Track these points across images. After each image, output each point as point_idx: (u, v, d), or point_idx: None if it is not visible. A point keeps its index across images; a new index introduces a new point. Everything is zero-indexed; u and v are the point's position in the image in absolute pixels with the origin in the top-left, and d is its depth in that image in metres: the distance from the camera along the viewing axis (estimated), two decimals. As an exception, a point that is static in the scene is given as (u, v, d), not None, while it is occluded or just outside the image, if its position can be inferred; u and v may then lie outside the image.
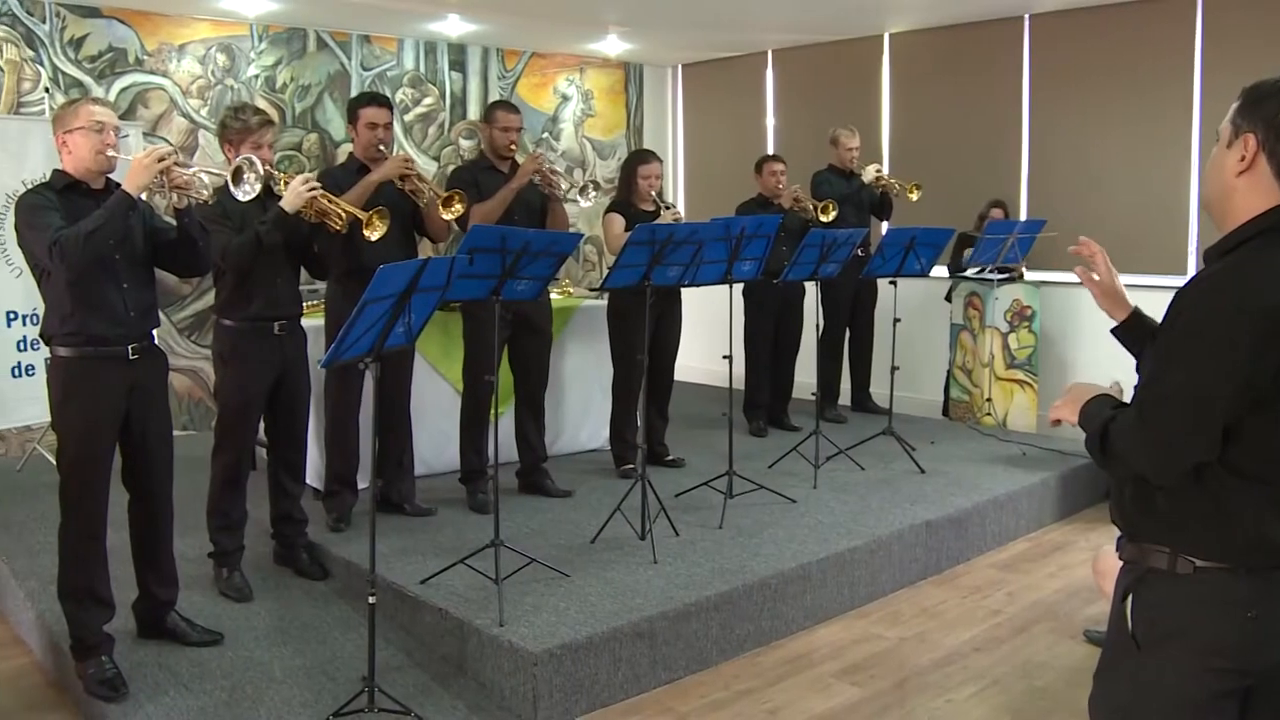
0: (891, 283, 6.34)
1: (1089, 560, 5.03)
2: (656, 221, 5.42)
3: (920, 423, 7.31)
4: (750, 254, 5.31)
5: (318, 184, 4.33)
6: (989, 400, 7.25)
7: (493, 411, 4.65)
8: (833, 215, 6.70)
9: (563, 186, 5.38)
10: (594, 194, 5.36)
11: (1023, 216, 7.77)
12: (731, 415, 5.61)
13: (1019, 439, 6.76)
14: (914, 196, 7.12)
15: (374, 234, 4.36)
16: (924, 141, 8.40)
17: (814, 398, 6.50)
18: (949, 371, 7.65)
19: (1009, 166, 7.95)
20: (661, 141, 10.26)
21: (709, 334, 7.18)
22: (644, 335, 5.04)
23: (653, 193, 5.88)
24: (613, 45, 9.16)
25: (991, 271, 7.13)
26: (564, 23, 8.21)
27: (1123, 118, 7.33)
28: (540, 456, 5.66)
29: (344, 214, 4.35)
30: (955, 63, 8.18)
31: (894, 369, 6.35)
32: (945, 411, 7.71)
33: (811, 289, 6.98)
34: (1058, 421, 2.19)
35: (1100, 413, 2.05)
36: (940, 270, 7.26)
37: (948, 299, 7.68)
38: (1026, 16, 7.75)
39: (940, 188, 7.72)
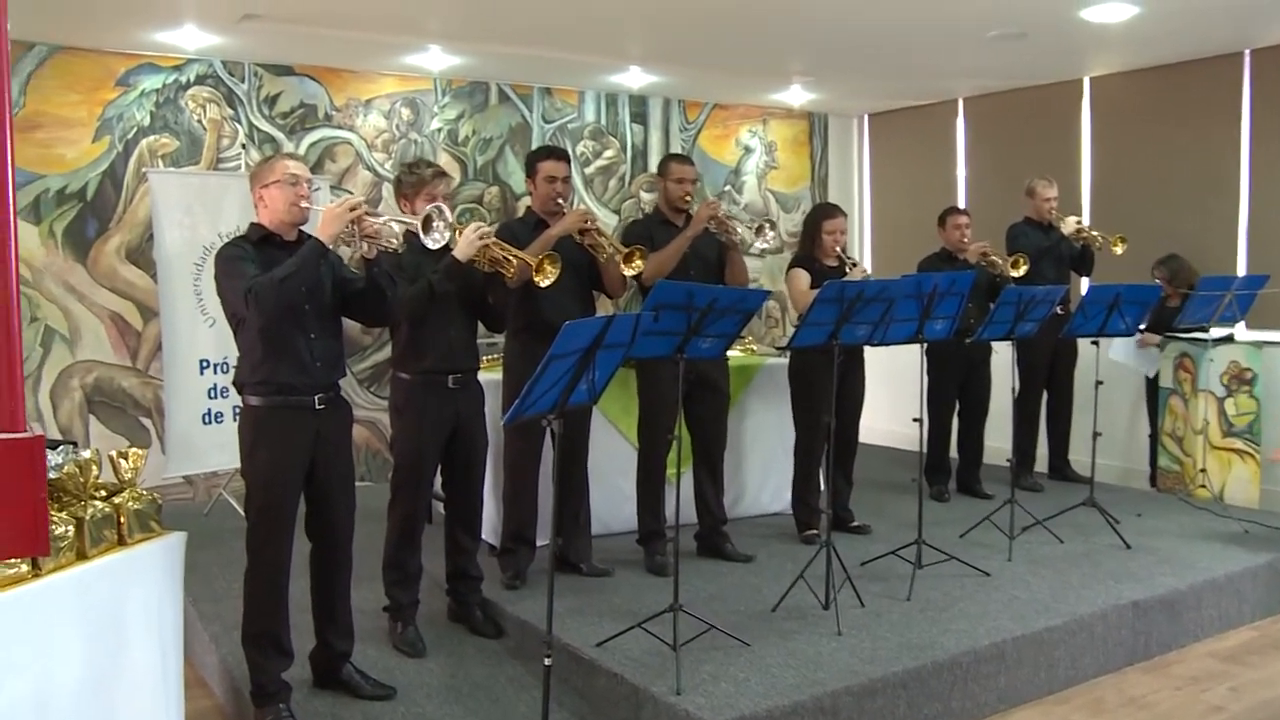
0: (1093, 343, 6.12)
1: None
2: (845, 278, 5.38)
3: (1125, 493, 6.99)
4: (942, 312, 5.21)
5: (488, 231, 4.42)
6: (1203, 471, 6.89)
7: (672, 471, 4.65)
8: (1023, 270, 6.52)
9: (739, 232, 5.38)
10: (770, 232, 5.35)
11: (1240, 271, 7.40)
12: (921, 481, 5.49)
13: (1240, 514, 6.37)
14: (1119, 249, 6.87)
15: (544, 280, 4.39)
16: (1128, 191, 8.11)
17: (1008, 464, 6.30)
18: (1156, 438, 7.31)
19: (1224, 217, 7.59)
20: (847, 194, 10.20)
21: (893, 395, 7.06)
22: (830, 395, 4.99)
23: (838, 248, 5.85)
24: (796, 95, 9.18)
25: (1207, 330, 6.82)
26: (747, 73, 8.27)
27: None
28: (720, 519, 5.63)
29: (516, 262, 4.43)
30: (1164, 105, 7.88)
31: (1095, 435, 6.11)
32: (1153, 482, 7.36)
33: (1003, 349, 6.80)
34: None
35: None
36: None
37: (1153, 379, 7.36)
38: (1247, 52, 7.41)
39: (1146, 240, 7.42)
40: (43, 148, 6.87)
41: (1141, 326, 6.61)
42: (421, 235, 3.97)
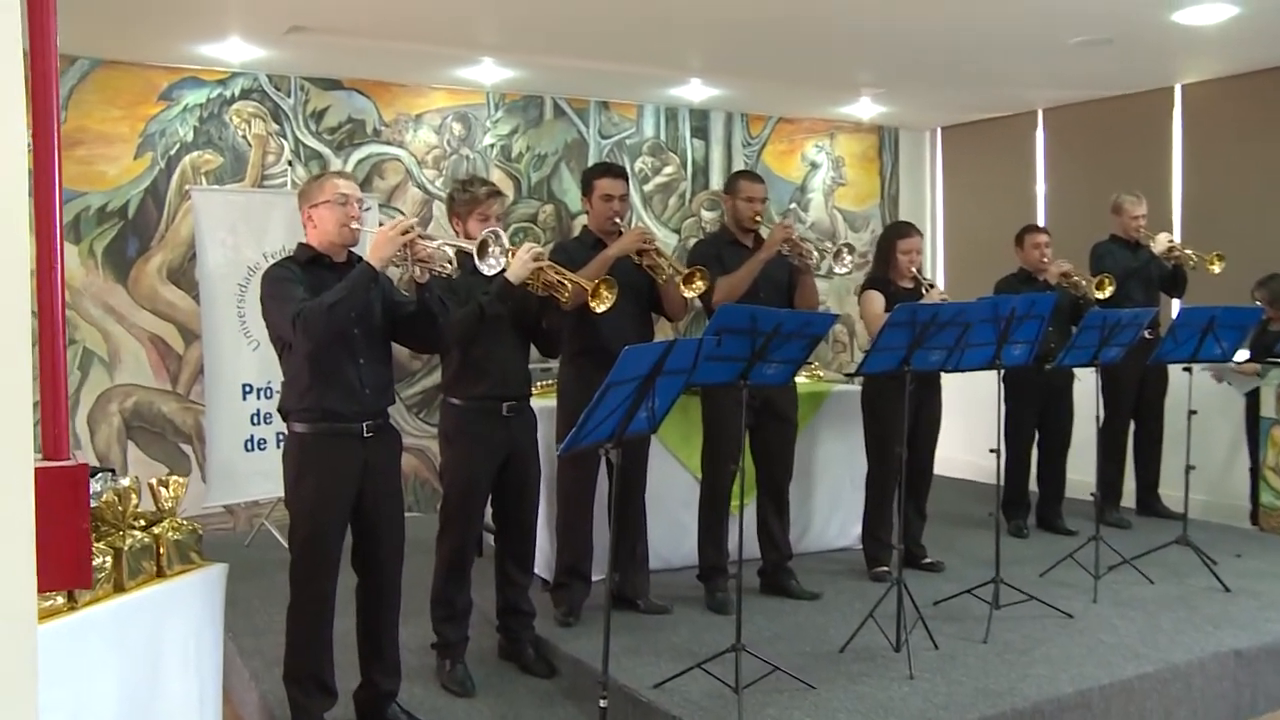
0: (1186, 369, 6.02)
1: None
2: (922, 301, 5.36)
3: (1222, 532, 6.85)
4: (1021, 336, 5.17)
5: (542, 252, 4.45)
6: (1311, 509, 6.74)
7: (736, 503, 4.65)
8: (1108, 292, 6.45)
9: (814, 255, 5.39)
10: (849, 258, 5.35)
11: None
12: (999, 516, 5.43)
13: (1352, 557, 6.23)
14: (1215, 269, 6.75)
15: (600, 306, 4.42)
16: (1224, 206, 7.98)
17: (1093, 498, 6.20)
18: (1257, 473, 7.16)
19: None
20: (919, 212, 10.14)
21: (968, 424, 6.99)
22: (902, 424, 4.95)
23: (913, 269, 5.84)
24: (866, 108, 9.16)
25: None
26: (813, 85, 8.27)
27: None
28: (785, 554, 5.62)
29: (570, 286, 4.45)
30: (1263, 114, 7.73)
31: (1189, 468, 6.00)
32: (1254, 520, 7.21)
33: (1087, 376, 6.71)
34: None
35: None
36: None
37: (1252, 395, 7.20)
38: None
39: (1245, 259, 7.28)
40: (83, 164, 7.02)
41: (1243, 355, 6.49)
42: (476, 260, 3.96)
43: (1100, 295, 6.45)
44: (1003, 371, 5.35)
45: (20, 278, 1.48)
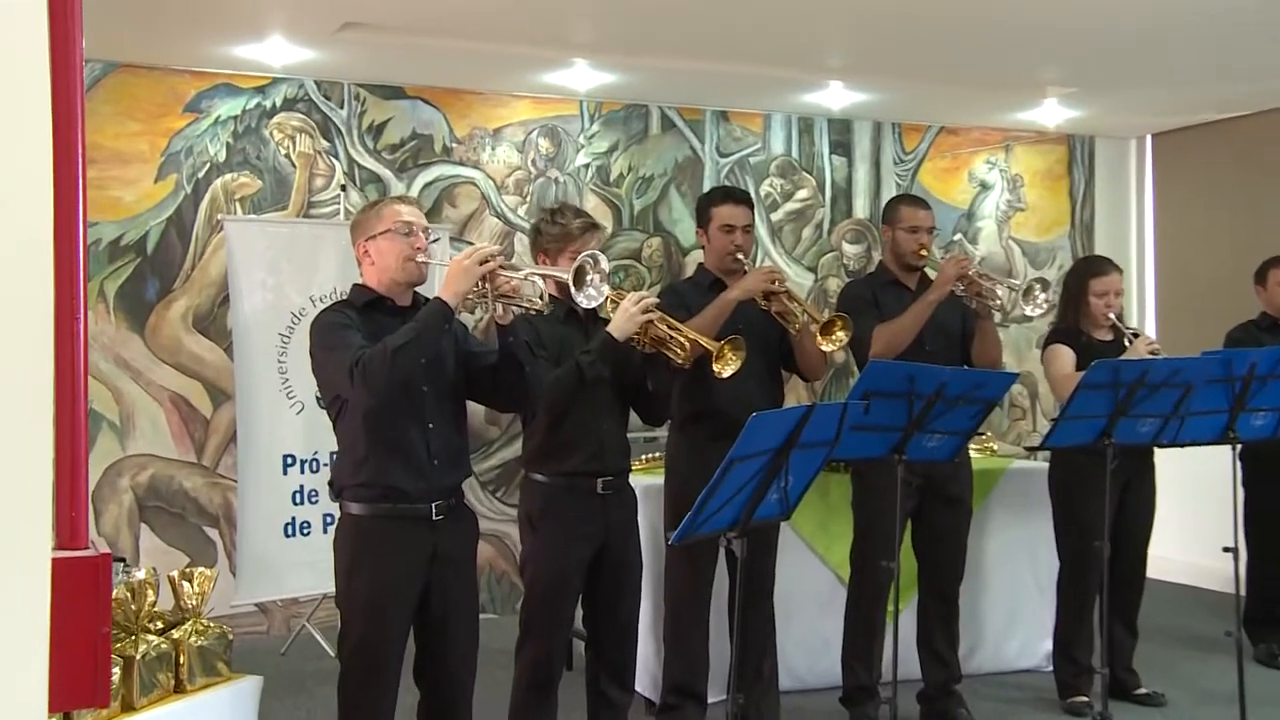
0: None
1: None
2: (1124, 356, 5.30)
3: None
4: (1265, 402, 5.10)
5: (654, 303, 4.48)
6: None
7: (890, 610, 4.62)
8: (1387, 342, 6.29)
9: (998, 295, 5.35)
10: (1042, 296, 5.31)
11: None
12: (1240, 636, 5.29)
13: None
14: None
15: (727, 369, 4.47)
16: None
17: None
18: None
19: None
20: (1122, 242, 9.99)
21: (1194, 514, 6.85)
22: (1104, 513, 4.89)
23: (1111, 315, 5.77)
24: (1051, 113, 9.06)
25: None
26: (985, 86, 8.21)
27: None
28: (953, 675, 5.57)
29: (688, 343, 4.48)
30: None
31: None
32: None
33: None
34: None
35: None
36: None
37: None
38: None
39: None
40: (94, 188, 7.10)
41: None
42: (573, 291, 3.97)
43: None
44: (1239, 447, 5.25)
45: (41, 325, 1.50)
